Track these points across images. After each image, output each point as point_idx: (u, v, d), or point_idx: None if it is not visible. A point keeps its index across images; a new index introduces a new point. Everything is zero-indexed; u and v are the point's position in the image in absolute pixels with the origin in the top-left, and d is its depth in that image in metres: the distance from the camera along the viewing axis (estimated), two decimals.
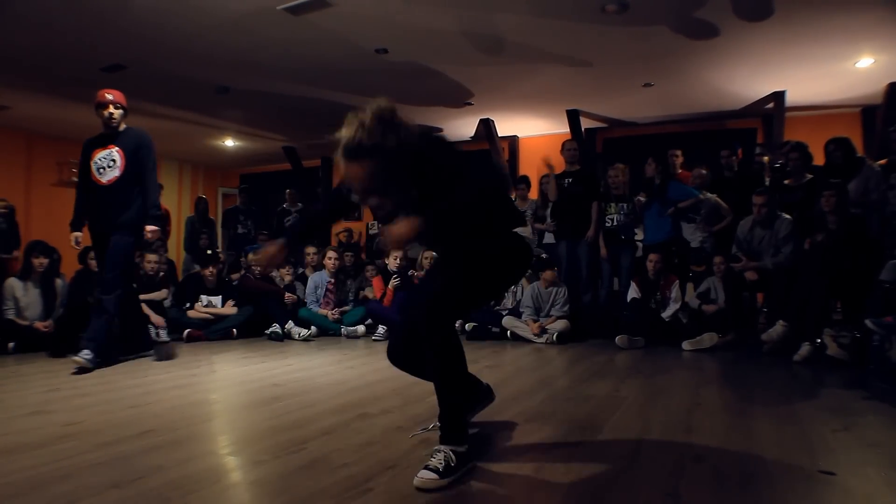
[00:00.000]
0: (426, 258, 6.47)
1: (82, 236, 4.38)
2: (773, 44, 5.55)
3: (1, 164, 8.52)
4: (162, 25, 5.15)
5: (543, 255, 6.13)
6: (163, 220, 4.75)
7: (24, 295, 5.14)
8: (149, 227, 4.20)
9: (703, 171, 6.00)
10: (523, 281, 6.05)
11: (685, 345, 4.96)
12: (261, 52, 5.81)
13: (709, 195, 5.88)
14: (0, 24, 5.07)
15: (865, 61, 5.93)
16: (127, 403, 2.94)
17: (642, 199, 6.07)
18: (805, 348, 4.24)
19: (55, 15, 4.92)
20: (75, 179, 4.69)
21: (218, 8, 4.85)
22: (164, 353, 4.50)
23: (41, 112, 7.80)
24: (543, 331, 5.56)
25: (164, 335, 5.59)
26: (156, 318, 5.64)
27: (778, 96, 6.92)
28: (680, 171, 6.53)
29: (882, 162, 5.05)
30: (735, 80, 6.63)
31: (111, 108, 4.22)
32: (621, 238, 6.00)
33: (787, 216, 5.05)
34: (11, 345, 4.83)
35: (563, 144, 6.30)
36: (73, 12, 4.88)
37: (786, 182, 5.41)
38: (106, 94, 4.24)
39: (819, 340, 4.26)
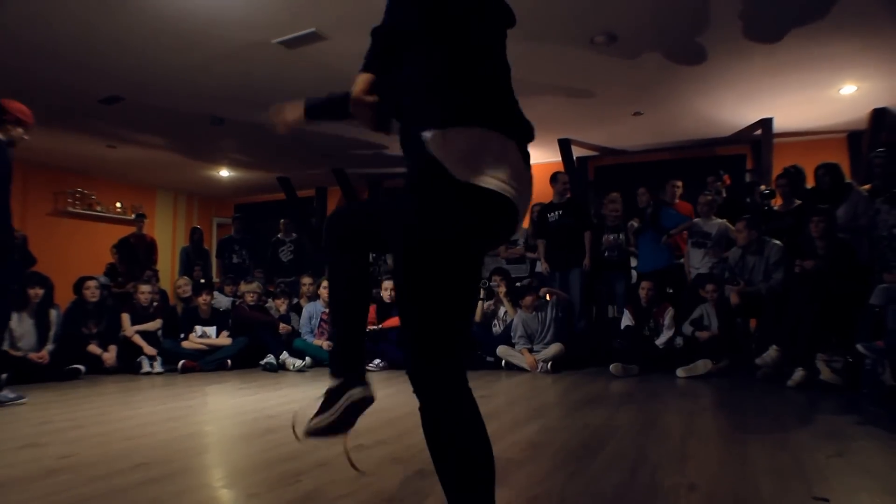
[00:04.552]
0: None
1: None
2: (759, 72, 5.65)
3: None
4: (159, 58, 5.23)
5: (518, 284, 6.12)
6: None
7: (19, 325, 5.12)
8: None
9: (710, 198, 5.93)
10: (511, 310, 6.02)
11: (679, 372, 4.97)
12: (255, 85, 5.88)
13: (719, 221, 5.80)
14: None
15: (849, 88, 6.05)
16: (121, 436, 2.93)
17: (635, 223, 6.10)
18: (798, 374, 4.26)
19: (54, 46, 4.99)
20: (72, 210, 4.65)
21: (214, 41, 4.94)
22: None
23: (38, 142, 7.81)
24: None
25: (157, 366, 5.59)
26: (148, 349, 5.64)
27: (765, 123, 7.03)
28: (678, 200, 6.41)
29: (866, 187, 5.14)
30: (723, 108, 6.74)
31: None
32: (616, 266, 6.02)
33: (777, 242, 5.10)
34: (4, 376, 4.77)
35: (557, 177, 6.28)
36: (72, 44, 4.95)
37: (775, 208, 5.47)
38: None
39: (812, 365, 4.27)
